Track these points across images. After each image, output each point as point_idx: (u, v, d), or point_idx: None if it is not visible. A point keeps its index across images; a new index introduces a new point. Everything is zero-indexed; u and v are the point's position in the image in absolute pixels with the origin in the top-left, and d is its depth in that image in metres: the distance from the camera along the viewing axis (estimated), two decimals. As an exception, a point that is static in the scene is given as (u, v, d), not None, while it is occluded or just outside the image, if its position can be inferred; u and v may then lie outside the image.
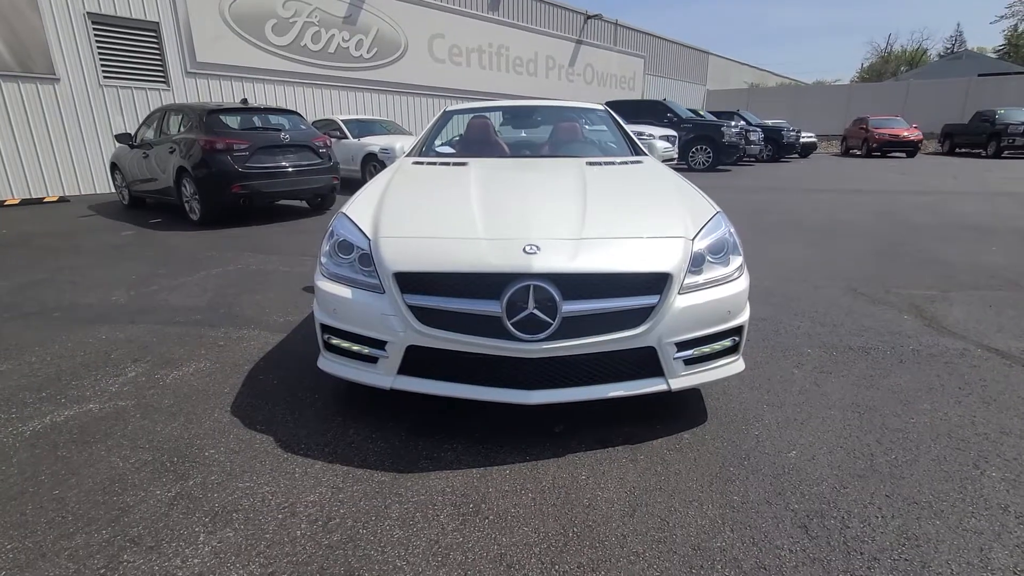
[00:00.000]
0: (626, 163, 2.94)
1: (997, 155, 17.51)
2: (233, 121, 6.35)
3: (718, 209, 2.16)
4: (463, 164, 2.83)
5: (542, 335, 1.70)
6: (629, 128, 3.67)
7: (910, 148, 18.92)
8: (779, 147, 18.87)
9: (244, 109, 6.47)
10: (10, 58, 8.46)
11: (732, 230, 2.08)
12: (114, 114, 9.51)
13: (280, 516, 1.56)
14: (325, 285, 1.95)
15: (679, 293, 1.82)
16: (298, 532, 1.49)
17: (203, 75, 10.61)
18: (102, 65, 9.36)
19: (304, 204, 7.39)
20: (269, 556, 1.41)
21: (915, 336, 2.87)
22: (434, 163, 2.98)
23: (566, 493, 1.65)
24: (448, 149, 3.67)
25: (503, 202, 2.17)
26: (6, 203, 8.03)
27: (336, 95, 13.00)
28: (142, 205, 7.70)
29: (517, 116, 3.75)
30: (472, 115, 3.74)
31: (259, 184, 5.97)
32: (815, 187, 10.26)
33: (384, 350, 1.85)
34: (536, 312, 1.69)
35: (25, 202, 8.23)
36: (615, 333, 1.76)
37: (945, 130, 20.69)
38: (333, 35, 12.58)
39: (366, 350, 1.90)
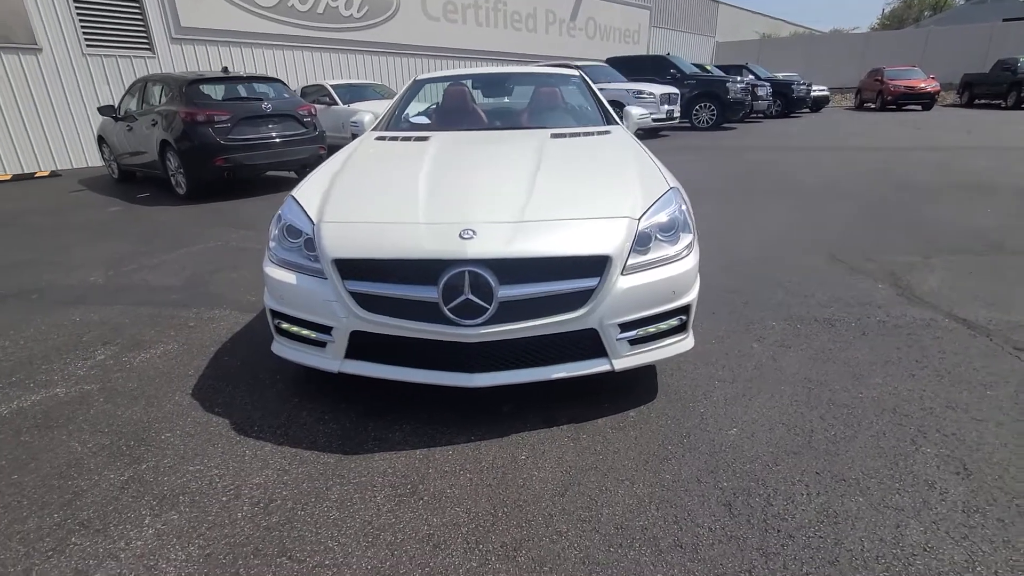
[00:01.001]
0: (592, 134, 2.86)
1: (1017, 106, 16.81)
2: (214, 91, 6.23)
3: (672, 185, 2.11)
4: (424, 139, 2.78)
5: (479, 320, 1.71)
6: (627, 86, 3.59)
7: (926, 100, 18.22)
8: (789, 102, 18.26)
9: (225, 78, 6.34)
10: (-10, 28, 8.29)
11: (685, 207, 2.04)
12: (100, 84, 9.37)
13: (224, 499, 1.62)
14: (272, 271, 1.96)
15: (622, 274, 1.81)
16: (239, 514, 1.56)
17: (188, 41, 10.36)
18: (84, 33, 9.16)
19: (293, 175, 7.33)
20: (209, 538, 1.47)
21: (885, 306, 2.84)
22: (396, 138, 2.93)
23: (503, 473, 1.69)
24: (423, 119, 3.60)
25: (451, 182, 2.14)
26: (-2, 179, 8.05)
27: (326, 58, 12.67)
28: (132, 179, 7.68)
29: (489, 84, 3.64)
30: (447, 83, 3.64)
31: (242, 156, 5.91)
32: (820, 145, 9.97)
33: (330, 335, 1.88)
34: (472, 297, 1.69)
35: (17, 178, 8.25)
36: (554, 316, 1.76)
37: (964, 80, 19.84)
38: (322, -6, 12.16)
39: (314, 335, 1.92)
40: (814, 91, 19.61)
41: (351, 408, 2.04)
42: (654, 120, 11.48)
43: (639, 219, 1.88)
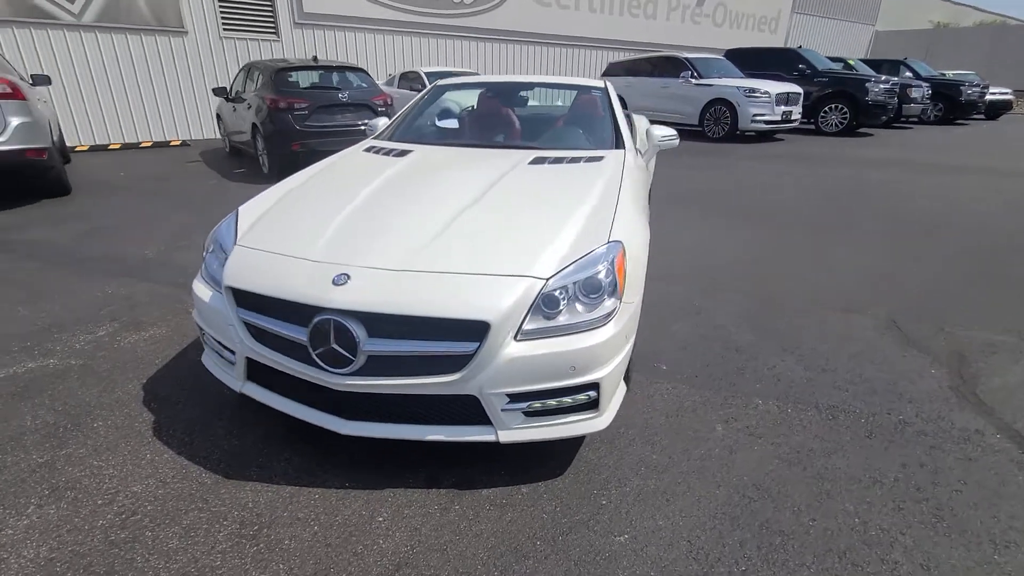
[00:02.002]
0: (579, 160, 2.59)
1: None
2: (301, 78, 6.67)
3: (614, 239, 1.83)
4: (403, 154, 2.71)
5: (345, 370, 1.62)
6: (739, 83, 3.24)
7: None
8: (954, 106, 15.54)
9: (313, 67, 6.75)
10: (149, 13, 9.61)
11: (615, 266, 1.75)
12: (231, 64, 10.48)
13: (99, 502, 1.72)
14: (196, 287, 2.02)
15: (515, 339, 1.61)
16: (100, 522, 1.64)
17: (309, 26, 11.21)
18: (223, 19, 10.28)
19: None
20: (62, 542, 1.57)
21: (921, 402, 2.27)
22: (380, 151, 2.89)
23: (349, 534, 1.61)
24: (452, 124, 3.52)
25: (376, 214, 2.04)
26: (141, 145, 9.40)
27: (433, 43, 13.02)
28: (239, 155, 8.54)
29: (501, 94, 3.46)
30: (467, 91, 3.53)
31: (316, 142, 6.28)
32: (970, 164, 8.32)
33: (234, 356, 1.90)
34: (336, 347, 1.60)
35: (156, 144, 9.57)
36: (428, 377, 1.61)
37: None
38: (434, -19, 12.45)
39: (225, 353, 1.96)
40: (991, 94, 16.44)
41: (258, 428, 2.07)
42: (766, 123, 10.35)
43: (548, 278, 1.66)
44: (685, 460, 1.92)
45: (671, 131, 3.06)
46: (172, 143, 9.79)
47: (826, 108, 12.05)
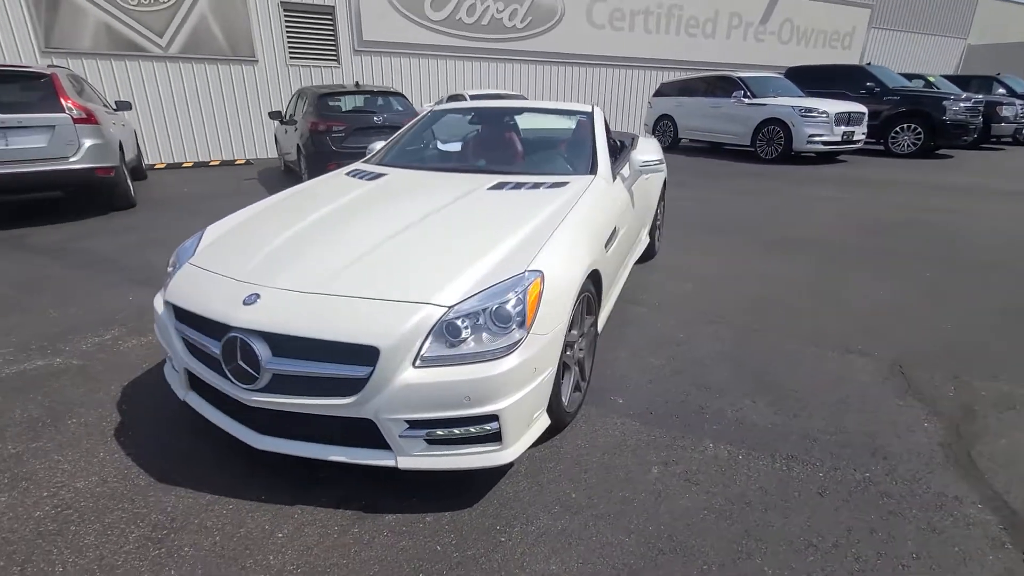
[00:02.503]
0: (540, 186, 2.56)
1: None
2: (343, 103, 7.07)
3: (530, 269, 1.79)
4: (375, 177, 2.81)
5: (251, 386, 1.68)
6: (795, 103, 3.19)
7: None
8: (1054, 125, 13.94)
9: (353, 91, 7.15)
10: (225, 45, 10.56)
11: (527, 297, 1.71)
12: (295, 89, 11.27)
13: (45, 494, 1.87)
14: (156, 300, 2.18)
15: (415, 365, 1.61)
16: (37, 513, 1.78)
17: (367, 52, 11.87)
18: (289, 48, 11.11)
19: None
20: (0, 528, 1.72)
21: (899, 458, 2.03)
22: (357, 174, 3.00)
23: (246, 547, 1.65)
24: (455, 147, 3.62)
25: (315, 236, 2.12)
26: (210, 164, 10.28)
27: (486, 67, 13.38)
28: (292, 173, 9.13)
29: (487, 121, 3.49)
30: (465, 116, 3.61)
31: (350, 163, 6.60)
32: (1056, 191, 7.42)
33: (177, 367, 2.03)
34: (242, 364, 1.67)
35: (223, 163, 10.43)
36: (326, 399, 1.65)
37: None
38: (488, 6, 12.85)
39: (174, 363, 2.09)
40: (1104, 112, 14.61)
41: (208, 436, 2.17)
42: (824, 143, 9.77)
43: (452, 306, 1.65)
44: (605, 502, 1.82)
45: (656, 156, 2.96)
46: (237, 162, 10.64)
47: (897, 128, 11.18)
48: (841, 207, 6.48)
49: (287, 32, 11.03)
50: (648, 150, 3.09)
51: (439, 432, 1.67)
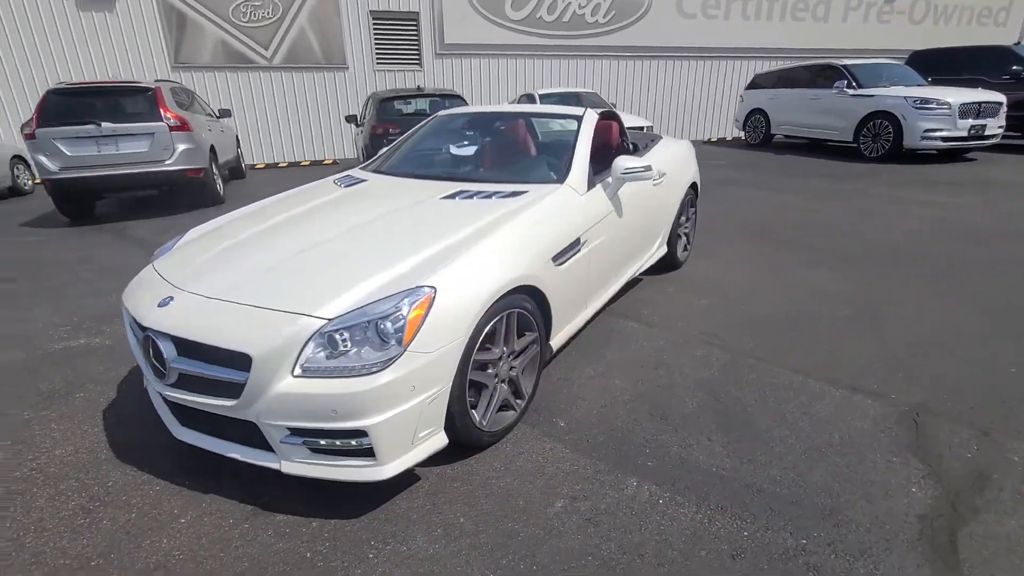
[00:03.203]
0: (492, 195, 2.49)
1: None
2: (404, 106, 7.38)
3: (422, 285, 1.76)
4: (352, 184, 2.92)
5: (164, 381, 1.84)
6: (909, 93, 3.04)
7: None
8: None
9: (413, 95, 7.43)
10: (320, 54, 11.48)
11: (409, 312, 1.68)
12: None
13: (29, 458, 2.18)
14: (138, 293, 2.44)
15: (293, 375, 1.66)
16: (15, 473, 2.09)
17: (448, 55, 12.26)
18: (376, 54, 11.81)
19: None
20: (-16, 483, 2.05)
21: (853, 526, 1.70)
22: (339, 181, 3.14)
23: (151, 527, 1.79)
24: (467, 151, 3.67)
25: (254, 242, 2.24)
26: (301, 164, 11.25)
27: (567, 65, 13.21)
28: (367, 171, 9.72)
29: (474, 127, 3.43)
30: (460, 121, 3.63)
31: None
32: None
33: (142, 357, 2.27)
34: (154, 361, 1.83)
35: (313, 163, 11.37)
36: (218, 399, 1.75)
37: None
38: (569, 3, 12.67)
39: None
40: None
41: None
42: (944, 139, 8.43)
43: (333, 318, 1.67)
44: (489, 532, 1.74)
45: (641, 163, 2.74)
46: (326, 162, 11.54)
47: (1049, 119, 9.32)
48: (940, 214, 5.55)
49: (375, 39, 11.72)
50: (657, 154, 2.88)
51: (321, 442, 1.70)
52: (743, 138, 12.58)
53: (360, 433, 1.65)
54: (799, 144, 11.76)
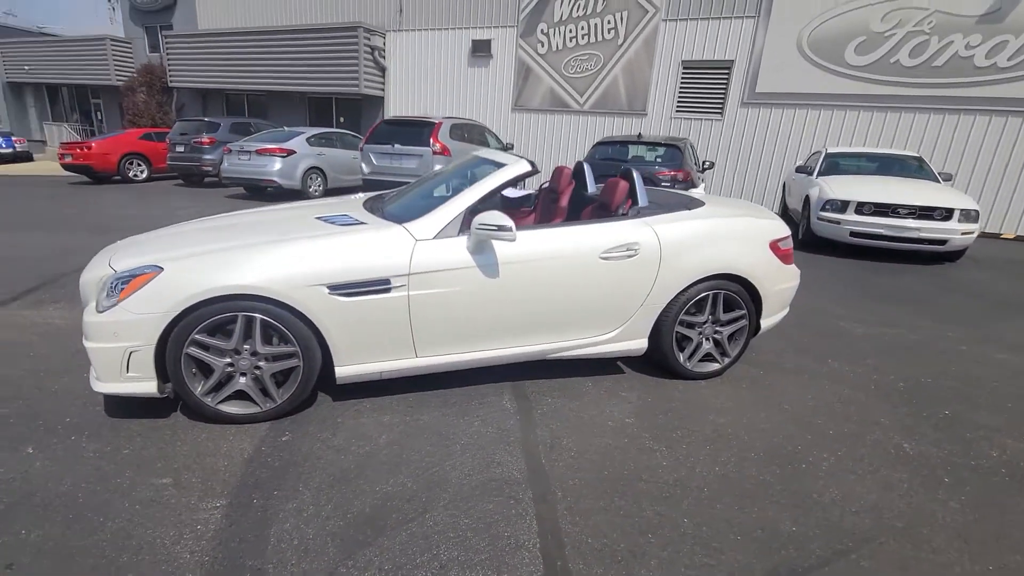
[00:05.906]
0: (334, 222, 2.72)
1: None
2: (618, 152, 7.43)
3: (151, 264, 2.36)
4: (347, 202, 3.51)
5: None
6: None
7: None
8: None
9: (631, 141, 7.35)
10: (625, 101, 12.32)
11: (132, 279, 2.30)
12: (670, 140, 11.95)
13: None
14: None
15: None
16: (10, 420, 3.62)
17: (755, 104, 11.17)
18: (677, 103, 11.85)
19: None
20: None
21: None
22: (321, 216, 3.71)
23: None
24: (519, 192, 3.88)
25: (218, 234, 2.92)
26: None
27: (924, 119, 10.08)
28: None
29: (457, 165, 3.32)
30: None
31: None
32: None
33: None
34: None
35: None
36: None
37: None
38: (950, 43, 9.60)
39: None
40: None
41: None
42: None
43: (118, 271, 2.41)
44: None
45: (499, 222, 2.34)
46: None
47: None
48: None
49: (680, 86, 11.75)
50: (497, 213, 2.48)
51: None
52: None
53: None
54: None
